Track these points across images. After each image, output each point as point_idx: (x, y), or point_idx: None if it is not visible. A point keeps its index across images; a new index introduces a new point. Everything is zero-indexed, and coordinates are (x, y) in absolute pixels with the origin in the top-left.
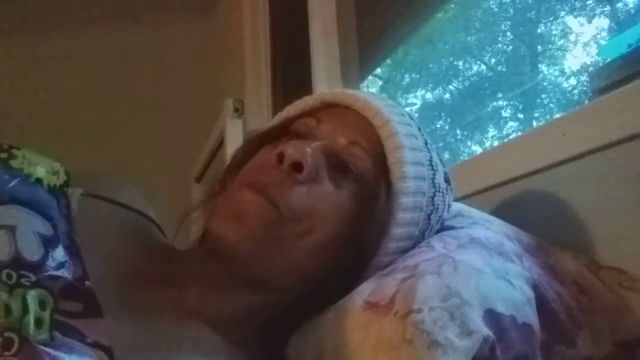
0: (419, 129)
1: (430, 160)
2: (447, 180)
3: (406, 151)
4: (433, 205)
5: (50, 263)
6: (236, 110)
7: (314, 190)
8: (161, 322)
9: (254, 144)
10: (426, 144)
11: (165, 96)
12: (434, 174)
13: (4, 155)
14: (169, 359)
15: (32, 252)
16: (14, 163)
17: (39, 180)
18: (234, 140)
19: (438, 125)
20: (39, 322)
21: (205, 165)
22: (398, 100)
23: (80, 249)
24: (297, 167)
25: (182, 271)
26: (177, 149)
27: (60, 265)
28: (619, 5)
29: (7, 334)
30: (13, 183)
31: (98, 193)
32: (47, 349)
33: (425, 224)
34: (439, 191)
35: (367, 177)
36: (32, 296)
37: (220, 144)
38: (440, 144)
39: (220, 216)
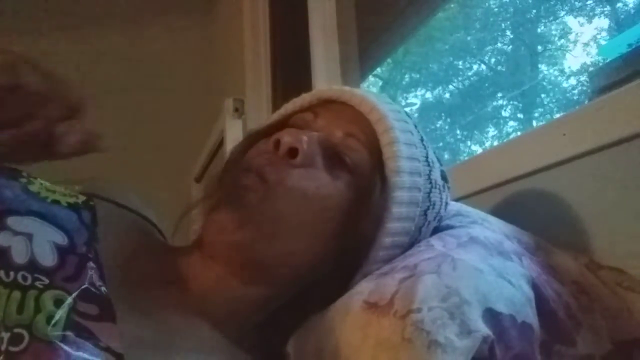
0: (415, 126)
1: (426, 157)
2: (443, 178)
3: (401, 146)
4: (429, 201)
5: (65, 270)
6: (236, 110)
7: (308, 174)
8: (162, 320)
9: (251, 141)
10: (422, 140)
11: (166, 96)
12: (430, 170)
13: (24, 180)
14: (170, 356)
15: (47, 259)
16: (32, 187)
17: (55, 202)
18: (234, 140)
19: (438, 125)
20: (52, 321)
21: (205, 165)
22: (398, 100)
23: (100, 257)
24: (293, 152)
25: (182, 270)
26: (177, 149)
27: (75, 272)
28: (619, 5)
29: (16, 330)
30: (30, 200)
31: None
32: (57, 347)
33: (421, 220)
34: (435, 187)
35: (363, 169)
36: (46, 296)
37: (220, 144)
38: (440, 144)
39: (218, 206)
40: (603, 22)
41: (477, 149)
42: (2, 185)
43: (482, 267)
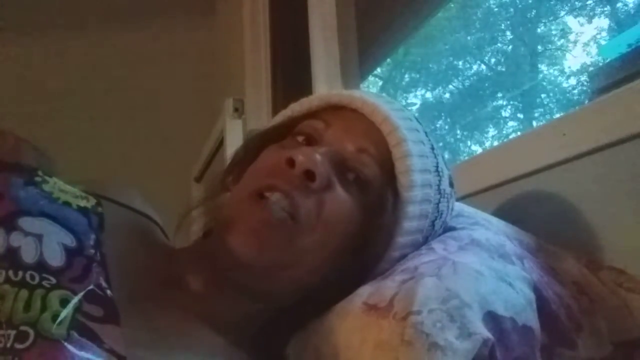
0: (426, 134)
1: (437, 166)
2: (451, 185)
3: (414, 159)
4: (438, 211)
5: (72, 271)
6: (236, 110)
7: (326, 198)
8: (162, 320)
9: (256, 143)
10: (433, 149)
11: (166, 96)
12: (439, 180)
13: (39, 179)
14: (169, 357)
15: (55, 259)
16: (45, 187)
17: (66, 204)
18: (234, 141)
19: (438, 125)
20: (57, 320)
21: (205, 165)
22: (398, 100)
23: (106, 260)
24: (310, 175)
25: (184, 272)
26: (177, 149)
27: (82, 274)
28: (619, 5)
29: (22, 328)
30: (43, 201)
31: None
32: (62, 346)
33: (429, 230)
34: (443, 197)
35: (375, 186)
36: (53, 296)
37: (220, 144)
38: (440, 144)
39: (233, 230)
40: (603, 22)
41: (477, 149)
42: (18, 185)
43: (483, 270)
